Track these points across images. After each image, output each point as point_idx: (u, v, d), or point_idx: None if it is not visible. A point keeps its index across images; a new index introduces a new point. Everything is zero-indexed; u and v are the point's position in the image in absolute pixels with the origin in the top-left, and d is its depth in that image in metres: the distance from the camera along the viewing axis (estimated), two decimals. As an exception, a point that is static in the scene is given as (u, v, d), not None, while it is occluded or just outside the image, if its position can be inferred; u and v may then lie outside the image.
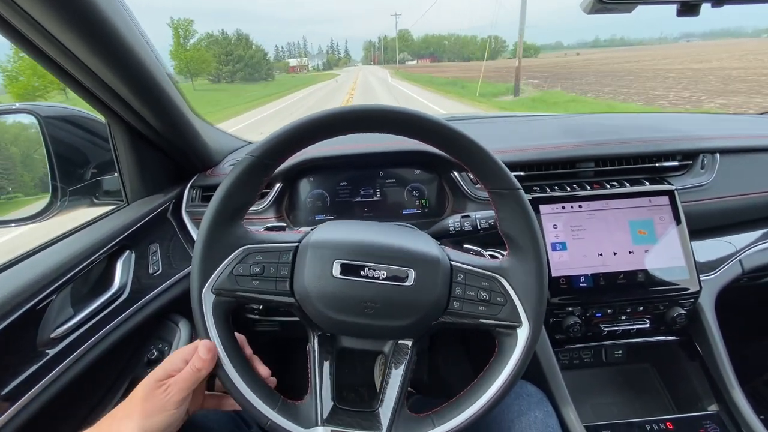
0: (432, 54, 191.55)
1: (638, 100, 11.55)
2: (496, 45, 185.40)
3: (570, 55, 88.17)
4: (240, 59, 61.36)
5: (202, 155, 0.91)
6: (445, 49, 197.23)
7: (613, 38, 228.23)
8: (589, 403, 0.90)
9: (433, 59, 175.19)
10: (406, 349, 0.54)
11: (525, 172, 0.89)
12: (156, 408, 0.45)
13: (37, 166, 0.79)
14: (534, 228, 0.52)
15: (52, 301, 0.57)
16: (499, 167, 0.51)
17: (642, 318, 0.84)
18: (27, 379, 0.52)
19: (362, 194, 0.96)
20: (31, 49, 0.56)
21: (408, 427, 0.51)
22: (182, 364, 0.50)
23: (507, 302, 0.52)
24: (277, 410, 0.50)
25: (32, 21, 0.50)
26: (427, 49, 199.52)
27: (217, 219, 0.50)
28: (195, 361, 0.48)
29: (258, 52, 65.33)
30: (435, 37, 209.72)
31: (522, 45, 13.96)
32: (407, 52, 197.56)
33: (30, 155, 0.81)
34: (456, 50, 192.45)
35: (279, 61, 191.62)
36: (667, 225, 0.84)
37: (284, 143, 0.50)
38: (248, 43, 64.75)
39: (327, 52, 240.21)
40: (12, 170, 0.88)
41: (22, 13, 0.48)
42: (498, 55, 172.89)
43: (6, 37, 0.53)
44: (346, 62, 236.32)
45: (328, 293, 0.50)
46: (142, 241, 0.77)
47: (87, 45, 0.55)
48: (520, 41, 13.70)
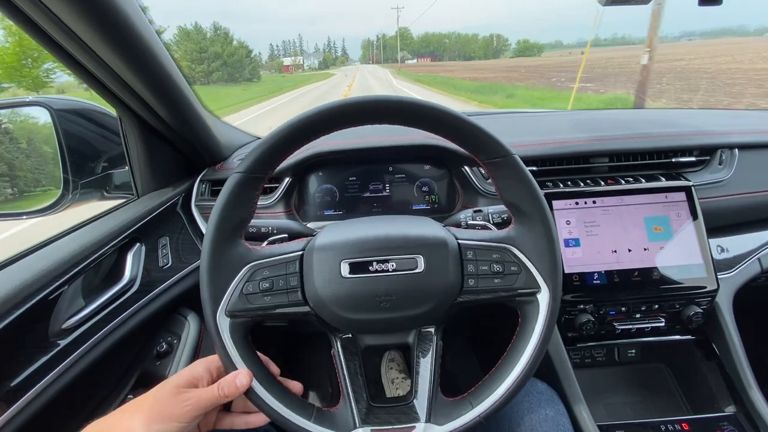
0: (432, 53, 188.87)
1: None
2: (498, 43, 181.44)
3: (575, 53, 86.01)
4: (217, 57, 50.64)
5: (211, 149, 0.91)
6: (445, 47, 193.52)
7: (614, 37, 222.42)
8: (602, 402, 0.88)
9: (434, 58, 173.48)
10: (431, 336, 0.54)
11: (538, 167, 0.88)
12: (168, 415, 0.44)
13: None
14: (535, 191, 0.51)
15: (64, 292, 0.58)
16: (488, 136, 0.50)
17: (657, 316, 0.82)
18: (39, 369, 0.52)
19: (371, 189, 0.95)
20: (47, 41, 0.56)
21: (446, 412, 0.51)
22: (205, 374, 0.49)
23: (522, 270, 0.52)
24: (313, 420, 0.49)
25: (50, 14, 0.50)
26: (427, 47, 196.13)
27: (217, 241, 0.49)
28: (227, 387, 0.47)
29: (240, 49, 54.57)
30: (435, 35, 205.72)
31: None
32: (407, 50, 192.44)
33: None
34: (457, 49, 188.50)
35: (274, 59, 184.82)
36: (684, 221, 0.81)
37: (268, 155, 0.50)
38: (227, 38, 54.77)
39: (324, 50, 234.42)
40: (45, 166, 0.93)
41: (40, 5, 0.48)
42: (500, 54, 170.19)
43: (22, 28, 0.53)
44: (344, 61, 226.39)
45: (341, 295, 0.50)
46: (152, 234, 0.77)
47: (102, 37, 0.55)
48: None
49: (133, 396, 0.71)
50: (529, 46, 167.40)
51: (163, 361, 0.75)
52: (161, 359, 0.75)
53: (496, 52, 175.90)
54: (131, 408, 0.46)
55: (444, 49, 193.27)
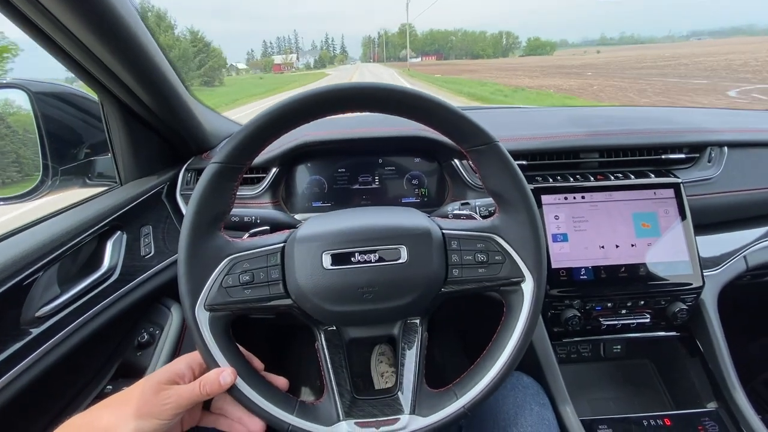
0: (437, 51, 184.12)
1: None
2: (508, 41, 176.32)
3: (590, 52, 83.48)
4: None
5: (197, 137, 0.89)
6: (452, 45, 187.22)
7: (623, 36, 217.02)
8: (586, 397, 0.88)
9: (439, 56, 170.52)
10: (416, 328, 0.53)
11: (527, 161, 0.87)
12: (149, 412, 0.44)
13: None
14: (519, 179, 0.50)
15: (38, 279, 0.56)
16: (471, 124, 0.49)
17: (642, 312, 0.82)
18: (9, 358, 0.51)
19: (360, 181, 0.94)
20: (24, 22, 0.54)
21: (431, 404, 0.50)
22: (187, 371, 0.49)
23: (506, 259, 0.51)
24: (295, 414, 0.49)
25: None
26: (432, 45, 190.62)
27: (195, 233, 0.48)
28: (209, 385, 0.46)
29: (196, 43, 39.83)
30: (441, 32, 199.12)
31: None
32: (411, 48, 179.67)
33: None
34: (464, 47, 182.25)
35: (265, 57, 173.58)
36: (672, 218, 0.82)
37: (246, 144, 0.48)
38: (164, 25, 39.07)
39: (321, 47, 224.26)
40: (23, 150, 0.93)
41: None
42: (509, 53, 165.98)
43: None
44: (342, 59, 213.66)
45: (323, 286, 0.49)
46: (135, 223, 0.75)
47: (80, 18, 0.53)
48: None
49: (112, 387, 0.69)
50: (541, 44, 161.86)
51: (144, 352, 0.74)
52: (142, 350, 0.74)
53: (505, 50, 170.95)
54: (111, 403, 0.45)
55: (450, 47, 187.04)
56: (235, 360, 0.49)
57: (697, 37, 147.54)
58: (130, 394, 0.45)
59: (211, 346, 0.48)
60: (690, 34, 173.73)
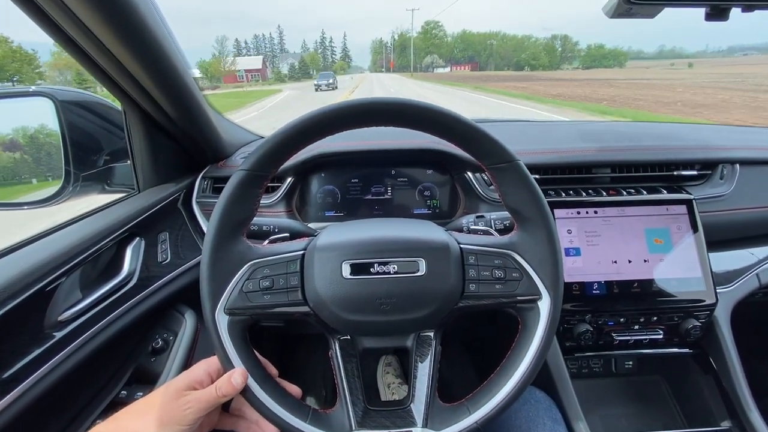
0: (471, 58, 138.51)
1: None
2: (564, 48, 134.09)
3: (678, 65, 65.07)
4: None
5: (214, 146, 0.91)
6: (491, 52, 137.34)
7: (662, 50, 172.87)
8: (598, 413, 0.88)
9: (474, 66, 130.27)
10: (430, 341, 0.53)
11: (540, 175, 0.88)
12: (171, 418, 0.45)
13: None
14: (539, 197, 0.51)
15: (61, 284, 0.57)
16: (494, 142, 0.50)
17: (655, 328, 0.82)
18: (33, 361, 0.52)
19: (373, 192, 0.95)
20: (57, 32, 0.56)
21: (443, 418, 0.50)
22: (205, 376, 0.49)
23: (523, 276, 0.51)
24: (309, 421, 0.49)
25: (62, 6, 0.50)
26: (465, 51, 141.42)
27: (219, 238, 0.49)
28: (223, 387, 0.47)
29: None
30: (476, 35, 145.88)
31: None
32: (436, 54, 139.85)
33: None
34: (506, 54, 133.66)
35: (243, 56, 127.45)
36: (684, 234, 0.82)
37: (273, 153, 0.49)
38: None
39: (317, 50, 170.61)
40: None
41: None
42: (565, 63, 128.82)
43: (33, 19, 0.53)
44: (344, 67, 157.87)
45: (341, 295, 0.49)
46: (152, 230, 0.77)
47: (112, 29, 0.54)
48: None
49: (126, 392, 0.70)
50: (606, 54, 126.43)
51: (158, 358, 0.74)
52: (156, 355, 0.75)
53: (562, 59, 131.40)
54: (134, 411, 0.46)
55: (489, 54, 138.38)
56: (252, 365, 0.50)
57: (743, 53, 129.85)
58: (151, 401, 0.46)
59: (229, 350, 0.48)
60: (729, 50, 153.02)
